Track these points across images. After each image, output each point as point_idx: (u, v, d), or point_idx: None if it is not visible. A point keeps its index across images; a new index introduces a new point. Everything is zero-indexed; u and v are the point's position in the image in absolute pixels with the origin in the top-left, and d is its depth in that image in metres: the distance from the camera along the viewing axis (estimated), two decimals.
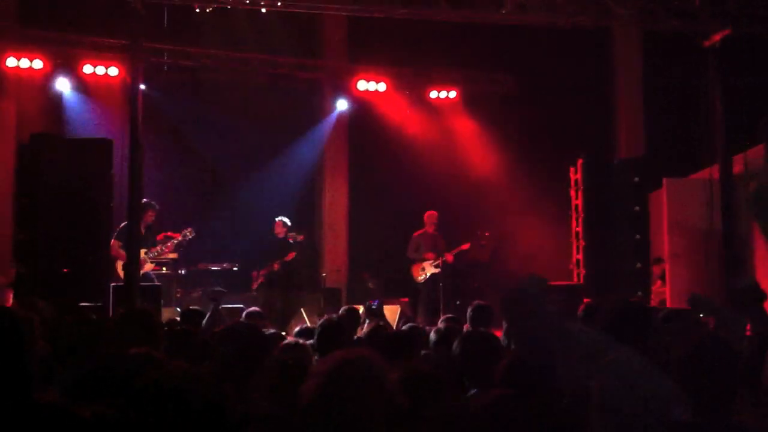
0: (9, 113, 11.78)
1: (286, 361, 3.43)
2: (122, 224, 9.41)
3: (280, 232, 11.53)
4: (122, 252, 9.48)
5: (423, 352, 4.62)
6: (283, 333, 6.44)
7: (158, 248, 10.61)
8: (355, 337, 5.54)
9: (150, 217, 10.43)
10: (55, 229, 8.24)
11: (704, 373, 2.62)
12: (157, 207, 10.59)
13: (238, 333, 3.59)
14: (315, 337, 4.72)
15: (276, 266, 11.42)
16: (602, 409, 2.53)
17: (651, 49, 13.10)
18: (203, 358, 3.63)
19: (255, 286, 11.42)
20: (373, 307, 9.02)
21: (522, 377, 3.04)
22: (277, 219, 11.54)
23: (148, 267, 10.32)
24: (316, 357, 4.32)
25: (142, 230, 10.24)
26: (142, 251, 10.22)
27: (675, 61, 12.05)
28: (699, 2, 9.25)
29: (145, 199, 10.19)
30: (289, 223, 11.55)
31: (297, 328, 6.26)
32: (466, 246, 11.57)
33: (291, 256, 11.52)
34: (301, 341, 4.99)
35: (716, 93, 9.59)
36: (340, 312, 6.89)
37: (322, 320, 4.98)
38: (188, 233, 10.75)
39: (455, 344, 3.79)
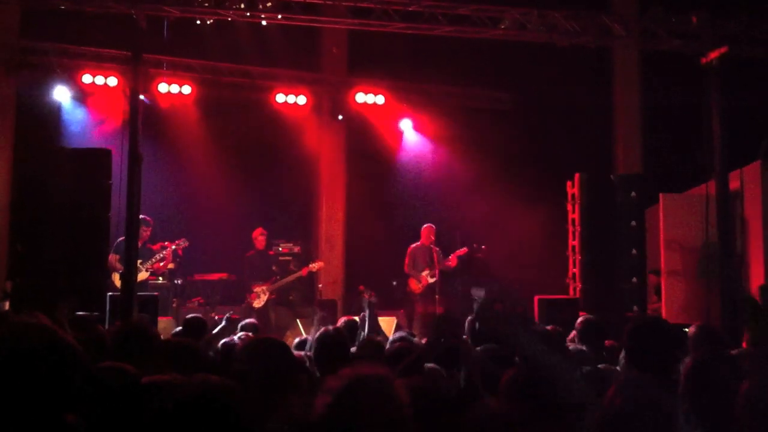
0: (7, 122, 11.78)
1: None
2: (120, 239, 9.39)
3: (261, 243, 11.55)
4: (119, 266, 9.49)
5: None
6: None
7: (153, 258, 10.70)
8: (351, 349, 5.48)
9: (145, 233, 10.52)
10: (53, 239, 8.21)
11: (709, 390, 2.57)
12: (151, 223, 10.65)
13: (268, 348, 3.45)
14: (312, 349, 4.67)
15: (305, 271, 11.54)
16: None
17: (649, 66, 13.17)
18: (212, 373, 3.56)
19: (261, 304, 11.33)
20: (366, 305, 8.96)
21: (527, 390, 3.03)
22: (256, 230, 11.58)
23: (143, 276, 10.35)
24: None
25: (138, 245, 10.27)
26: (137, 262, 10.24)
27: (673, 78, 12.09)
28: (697, 22, 9.24)
29: (141, 216, 10.23)
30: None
31: (296, 340, 6.25)
32: (462, 251, 11.59)
33: (321, 265, 11.76)
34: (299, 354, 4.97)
35: (714, 110, 9.59)
36: (338, 324, 6.87)
37: (319, 333, 4.91)
38: (182, 243, 10.86)
39: None
